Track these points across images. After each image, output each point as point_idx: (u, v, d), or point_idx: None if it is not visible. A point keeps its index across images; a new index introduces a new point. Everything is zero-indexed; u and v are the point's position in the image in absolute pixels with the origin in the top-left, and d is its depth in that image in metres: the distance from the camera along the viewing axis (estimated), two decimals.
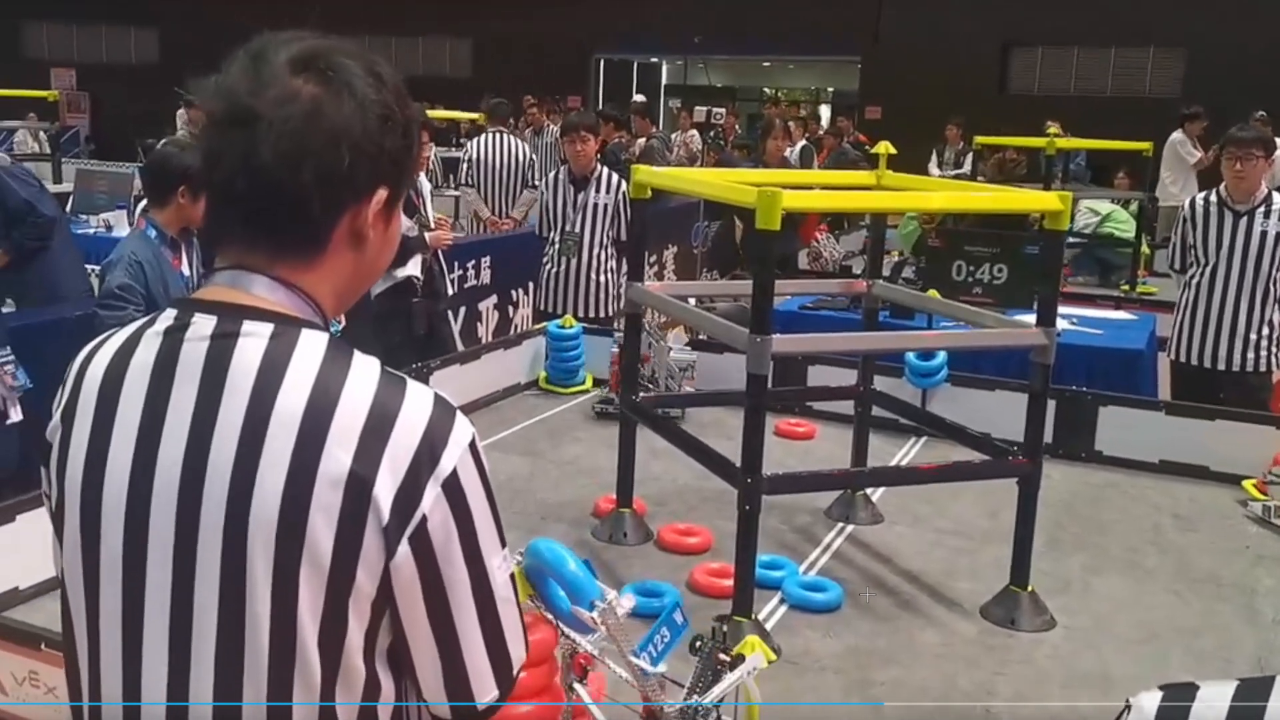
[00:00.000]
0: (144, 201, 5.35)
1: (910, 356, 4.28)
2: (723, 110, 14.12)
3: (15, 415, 3.42)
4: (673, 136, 13.59)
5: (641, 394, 3.81)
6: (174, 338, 1.14)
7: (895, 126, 14.25)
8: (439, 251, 5.19)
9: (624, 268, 6.41)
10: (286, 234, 1.15)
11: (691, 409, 4.39)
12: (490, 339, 6.73)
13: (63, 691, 2.10)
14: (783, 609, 2.97)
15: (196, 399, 1.11)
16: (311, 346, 1.12)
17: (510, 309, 7.15)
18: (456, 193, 9.20)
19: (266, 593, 1.08)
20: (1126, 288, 7.47)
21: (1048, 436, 3.25)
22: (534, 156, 8.67)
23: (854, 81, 19.44)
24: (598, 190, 5.68)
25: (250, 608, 1.08)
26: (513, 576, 1.21)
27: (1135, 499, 3.89)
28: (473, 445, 1.14)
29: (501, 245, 7.16)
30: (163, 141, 4.23)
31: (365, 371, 1.12)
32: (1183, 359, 4.80)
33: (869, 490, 3.66)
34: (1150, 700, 1.14)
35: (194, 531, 1.09)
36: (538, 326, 5.25)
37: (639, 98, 14.79)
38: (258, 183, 1.11)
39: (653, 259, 8.48)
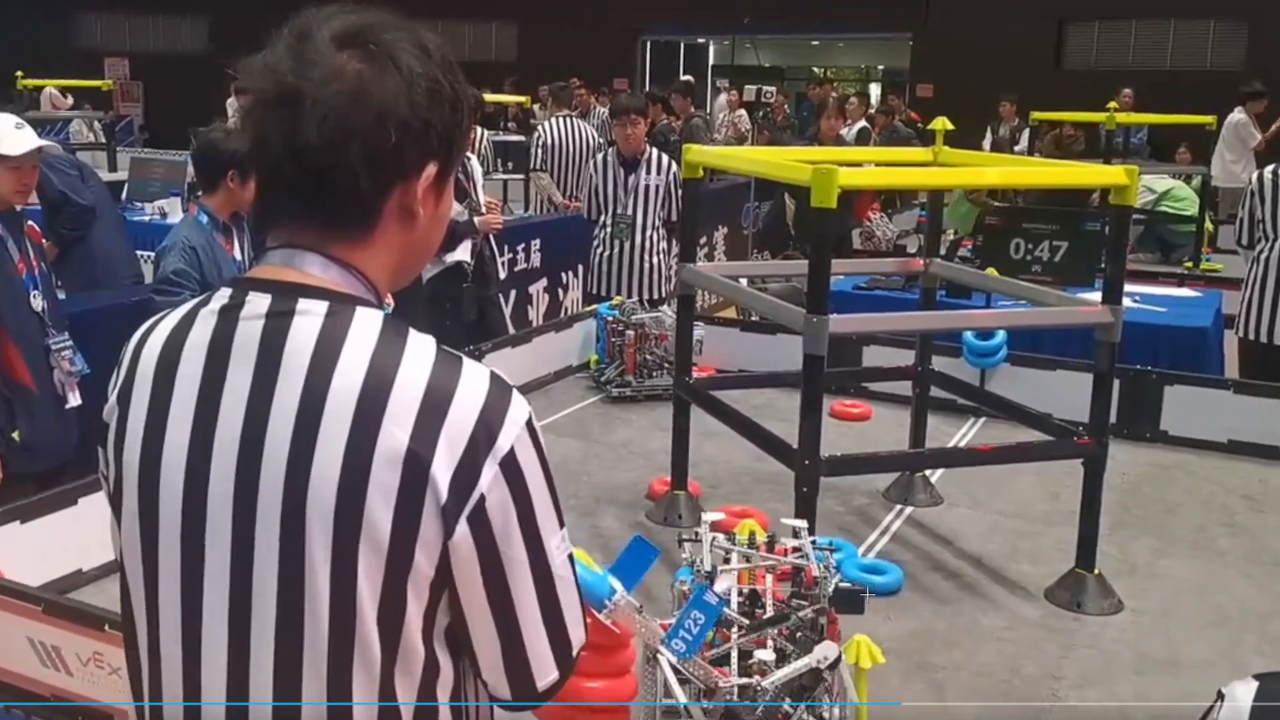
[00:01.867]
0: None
1: (968, 336, 4.21)
2: (773, 89, 13.97)
3: (74, 400, 3.45)
4: (720, 116, 13.49)
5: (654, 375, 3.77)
6: (229, 316, 1.13)
7: (948, 104, 14.01)
8: (490, 236, 5.17)
9: (674, 249, 6.40)
10: (336, 212, 1.13)
11: (743, 391, 4.34)
12: (541, 322, 6.73)
13: (126, 672, 2.12)
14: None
15: (253, 378, 1.10)
16: (367, 324, 1.11)
17: (560, 291, 7.15)
18: (505, 176, 9.19)
19: (326, 573, 1.07)
20: (1190, 265, 7.29)
21: (1111, 417, 3.17)
22: (602, 139, 8.64)
23: (904, 59, 19.15)
24: (648, 172, 5.63)
25: (309, 589, 1.07)
26: (572, 557, 1.18)
27: (1203, 480, 3.79)
28: (530, 424, 1.12)
29: (552, 228, 7.14)
30: (210, 128, 4.24)
31: (421, 349, 1.11)
32: (1251, 336, 4.67)
33: (928, 472, 3.60)
34: (1245, 691, 1.08)
35: (252, 513, 1.08)
36: (588, 309, 5.22)
37: (687, 78, 14.69)
38: (304, 163, 1.10)
39: (702, 240, 8.43)
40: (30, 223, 3.57)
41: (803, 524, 2.16)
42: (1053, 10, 16.69)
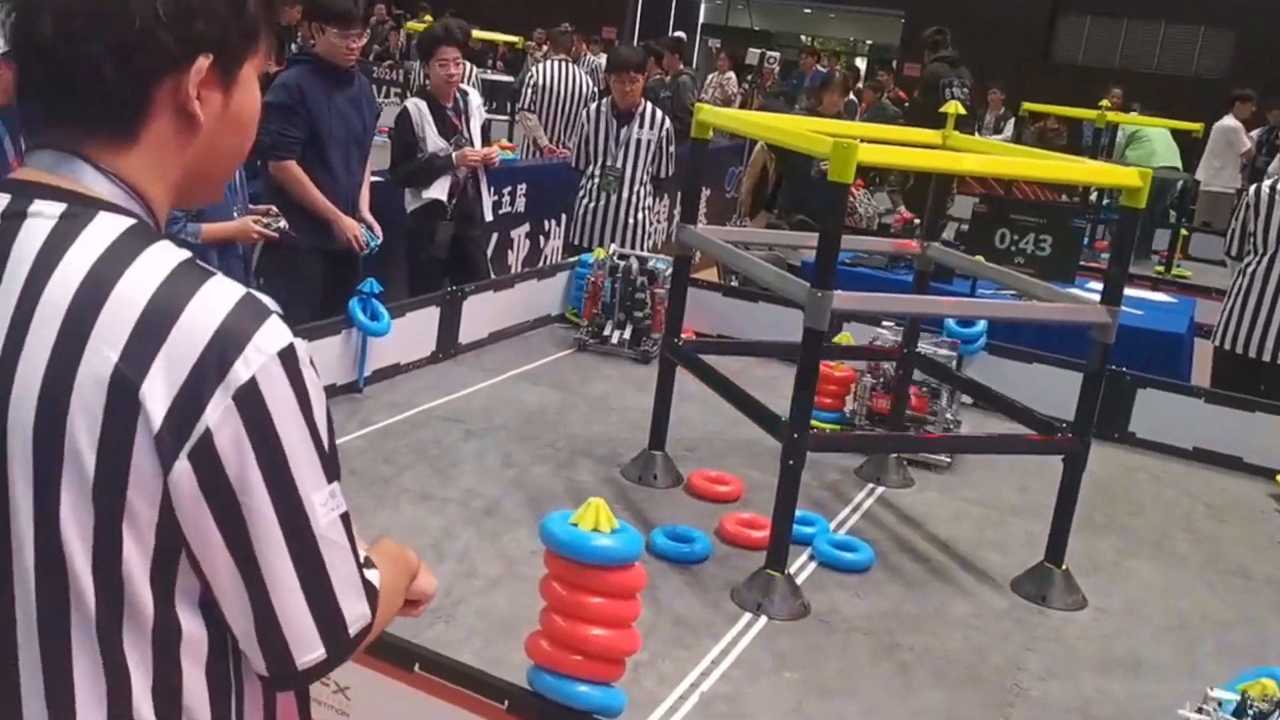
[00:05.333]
0: None
1: (950, 322, 4.22)
2: (776, 54, 13.87)
3: None
4: (709, 77, 13.37)
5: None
6: None
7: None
8: (480, 174, 5.09)
9: (659, 206, 6.35)
10: (90, 111, 1.01)
11: (716, 357, 4.35)
12: (520, 268, 6.67)
13: None
14: (812, 566, 2.95)
15: None
16: (102, 230, 0.99)
17: (541, 239, 7.08)
18: (488, 116, 9.04)
19: (29, 505, 0.96)
20: (1161, 269, 7.39)
21: None
22: (596, 88, 8.52)
23: (892, 35, 19.13)
24: (641, 125, 5.57)
25: (14, 521, 0.97)
26: (346, 517, 1.03)
27: (1167, 485, 3.86)
28: (286, 355, 0.98)
29: (539, 174, 7.06)
30: None
31: (157, 260, 0.98)
32: (1227, 346, 4.73)
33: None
34: None
35: None
36: (570, 260, 5.18)
37: (679, 34, 14.53)
38: (43, 58, 1.00)
39: (682, 200, 8.38)
40: None
41: None
42: (1046, 0, 16.71)
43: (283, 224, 3.83)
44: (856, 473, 3.59)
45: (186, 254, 1.00)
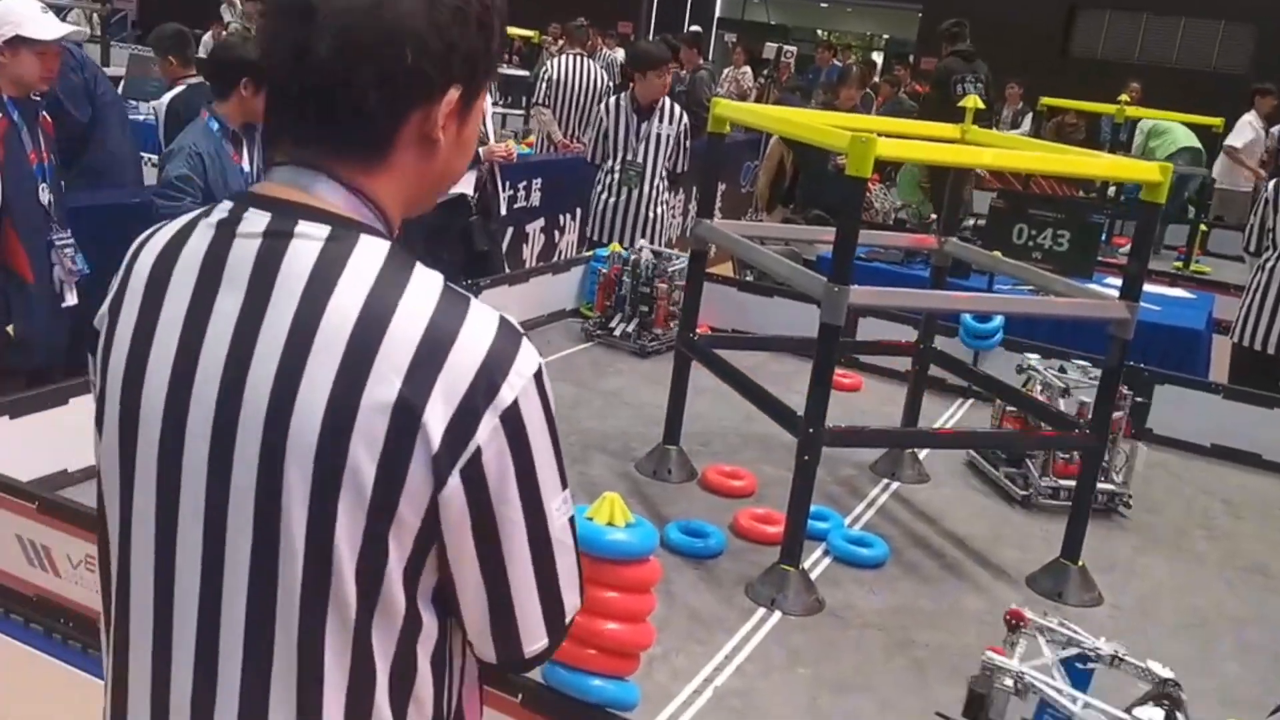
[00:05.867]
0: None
1: (966, 317, 4.21)
2: (794, 49, 13.83)
3: (71, 299, 3.40)
4: (725, 71, 13.36)
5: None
6: (225, 232, 1.07)
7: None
8: (495, 168, 5.10)
9: (676, 200, 6.34)
10: (347, 133, 1.06)
11: (731, 352, 4.35)
12: (535, 262, 6.68)
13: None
14: (826, 561, 2.94)
15: (243, 301, 1.04)
16: (369, 254, 1.04)
17: (556, 233, 7.08)
18: (504, 111, 9.06)
19: (303, 516, 1.02)
20: (1179, 265, 7.34)
21: None
22: (611, 83, 8.52)
23: (909, 30, 19.07)
24: (661, 120, 5.57)
25: (285, 533, 1.02)
26: (573, 520, 1.13)
27: (1185, 482, 3.83)
28: (538, 377, 1.06)
29: (554, 168, 7.06)
30: (224, 31, 4.16)
31: (426, 286, 1.04)
32: (1246, 343, 4.70)
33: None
34: None
35: (230, 448, 1.03)
36: (585, 254, 5.18)
37: (695, 29, 14.51)
38: (313, 80, 1.04)
39: (698, 195, 8.38)
40: (44, 113, 3.48)
41: None
42: None
43: None
44: (871, 468, 3.57)
45: (441, 278, 1.06)
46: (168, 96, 5.36)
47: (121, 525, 1.11)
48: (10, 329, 3.26)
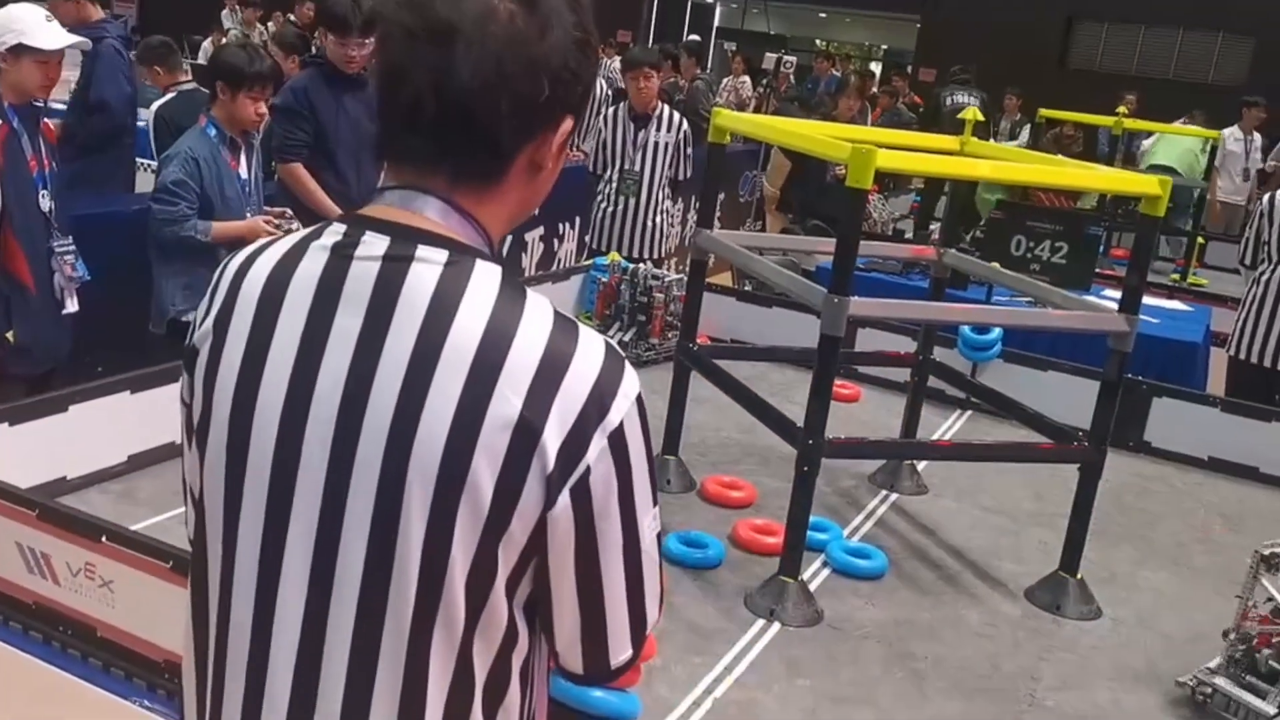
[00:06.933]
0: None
1: (965, 329, 4.22)
2: (793, 59, 13.83)
3: (72, 306, 3.39)
4: (724, 81, 13.37)
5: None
6: (342, 254, 1.07)
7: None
8: None
9: (677, 209, 6.34)
10: (470, 160, 1.08)
11: (730, 362, 4.35)
12: (534, 270, 6.68)
13: (121, 587, 2.10)
14: (826, 572, 2.94)
15: (363, 324, 1.05)
16: (486, 278, 1.06)
17: (555, 242, 7.08)
18: None
19: (420, 533, 1.03)
20: (1176, 277, 7.35)
21: None
22: (609, 91, 8.50)
23: (907, 40, 19.10)
24: (659, 129, 5.57)
25: (401, 548, 1.04)
26: (660, 535, 1.16)
27: (1184, 495, 3.84)
28: (639, 399, 1.08)
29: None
30: (224, 38, 4.19)
31: (540, 311, 1.07)
32: (1242, 356, 4.71)
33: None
34: None
35: (349, 464, 1.04)
36: (585, 263, 5.18)
37: (694, 37, 14.53)
38: (451, 105, 1.04)
39: (698, 205, 8.38)
40: (46, 120, 3.48)
41: None
42: (1063, 5, 16.65)
43: (295, 226, 3.84)
44: (870, 479, 3.58)
45: (550, 303, 1.08)
46: (156, 104, 5.39)
47: (225, 553, 1.11)
48: (10, 335, 3.25)
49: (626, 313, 4.59)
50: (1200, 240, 7.80)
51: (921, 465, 3.65)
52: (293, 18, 12.66)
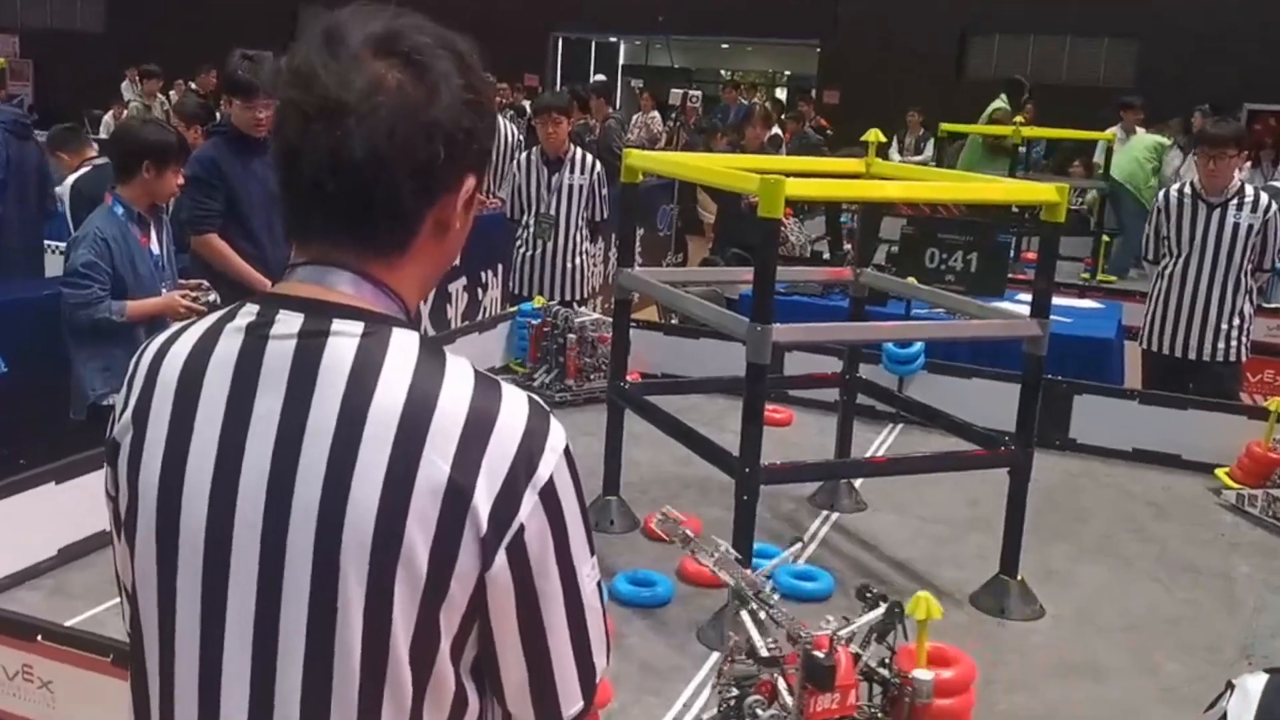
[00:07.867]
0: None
1: (888, 344, 4.29)
2: (699, 94, 14.05)
3: None
4: (634, 117, 13.53)
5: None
6: (257, 334, 1.07)
7: (853, 111, 14.25)
8: None
9: (597, 249, 6.39)
10: (374, 230, 1.08)
11: (663, 396, 4.38)
12: (459, 321, 6.67)
13: (61, 686, 2.05)
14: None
15: (284, 402, 1.05)
16: (405, 346, 1.06)
17: (479, 291, 7.09)
18: None
19: (359, 606, 1.03)
20: (1086, 276, 7.57)
21: None
22: (522, 137, 8.55)
23: (809, 65, 19.46)
24: (572, 171, 5.63)
25: (341, 623, 1.03)
26: (600, 584, 1.17)
27: (1111, 487, 3.94)
28: (567, 451, 1.09)
29: (473, 225, 7.08)
30: (125, 111, 4.14)
31: (460, 374, 1.07)
32: (1154, 348, 4.87)
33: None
34: (1255, 683, 1.16)
35: (280, 547, 1.04)
36: (511, 310, 5.19)
37: (599, 77, 14.69)
38: (348, 181, 1.05)
39: (618, 243, 8.44)
40: None
41: None
42: (955, 21, 17.12)
43: (213, 297, 3.80)
44: (810, 500, 3.62)
45: (469, 363, 1.09)
46: (71, 178, 5.32)
47: (162, 648, 1.10)
48: None
49: (549, 355, 4.61)
50: (1106, 239, 8.04)
51: (859, 482, 3.70)
52: (195, 85, 12.58)
